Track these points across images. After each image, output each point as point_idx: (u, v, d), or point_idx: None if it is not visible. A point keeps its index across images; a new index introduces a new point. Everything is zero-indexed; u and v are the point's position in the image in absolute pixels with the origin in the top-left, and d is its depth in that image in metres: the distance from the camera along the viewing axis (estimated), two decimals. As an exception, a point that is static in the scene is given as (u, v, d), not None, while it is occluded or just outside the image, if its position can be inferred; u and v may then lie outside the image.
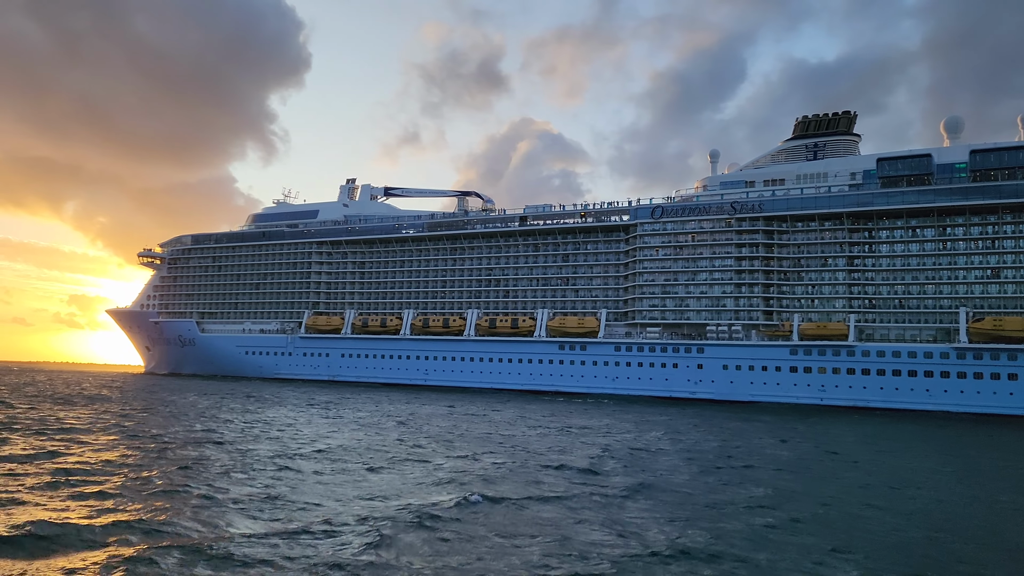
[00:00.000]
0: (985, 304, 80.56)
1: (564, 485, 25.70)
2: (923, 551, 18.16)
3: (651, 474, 28.84)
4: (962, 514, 23.38)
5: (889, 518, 21.84)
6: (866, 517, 21.83)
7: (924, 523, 21.53)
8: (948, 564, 17.10)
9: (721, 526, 19.90)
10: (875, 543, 18.59)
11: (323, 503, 21.34)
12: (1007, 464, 38.40)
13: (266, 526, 18.33)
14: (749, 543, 18.09)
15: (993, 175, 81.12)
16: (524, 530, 18.85)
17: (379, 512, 20.10)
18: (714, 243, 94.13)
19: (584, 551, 16.87)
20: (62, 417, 45.32)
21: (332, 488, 23.83)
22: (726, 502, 23.48)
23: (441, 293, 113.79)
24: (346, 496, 22.53)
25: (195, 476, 25.17)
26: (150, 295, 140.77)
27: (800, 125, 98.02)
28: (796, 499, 24.55)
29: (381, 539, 17.18)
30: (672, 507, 22.39)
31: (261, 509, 20.33)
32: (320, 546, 16.55)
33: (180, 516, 18.99)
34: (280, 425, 44.57)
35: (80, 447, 31.35)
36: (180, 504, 20.57)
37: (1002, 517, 23.28)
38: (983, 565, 17.05)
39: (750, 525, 20.13)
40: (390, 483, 25.14)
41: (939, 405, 77.92)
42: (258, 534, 17.48)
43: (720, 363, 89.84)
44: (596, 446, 37.87)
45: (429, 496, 22.72)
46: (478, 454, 33.27)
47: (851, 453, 39.64)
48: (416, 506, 20.95)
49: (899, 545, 18.57)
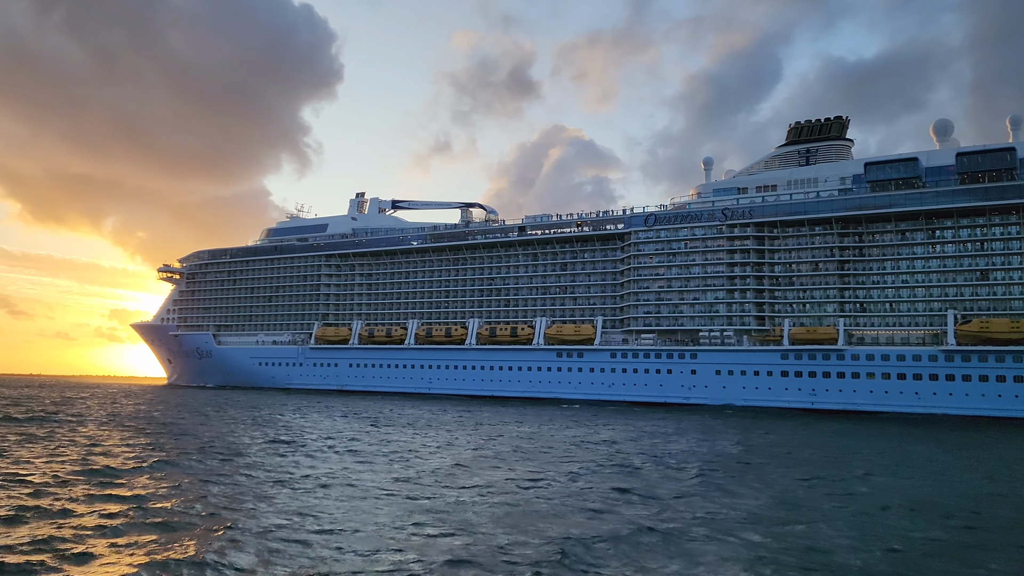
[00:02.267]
0: (974, 306, 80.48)
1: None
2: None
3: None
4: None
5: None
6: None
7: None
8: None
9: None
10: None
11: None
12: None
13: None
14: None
15: (981, 177, 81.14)
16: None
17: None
18: (706, 249, 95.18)
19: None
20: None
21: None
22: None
23: (444, 303, 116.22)
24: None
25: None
26: (170, 309, 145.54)
27: (793, 131, 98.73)
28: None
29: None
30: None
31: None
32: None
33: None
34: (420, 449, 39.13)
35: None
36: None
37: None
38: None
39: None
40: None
41: (928, 408, 78.02)
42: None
43: (713, 368, 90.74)
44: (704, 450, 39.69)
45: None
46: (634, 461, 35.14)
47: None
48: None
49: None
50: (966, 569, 17.35)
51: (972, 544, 19.83)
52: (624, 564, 17.03)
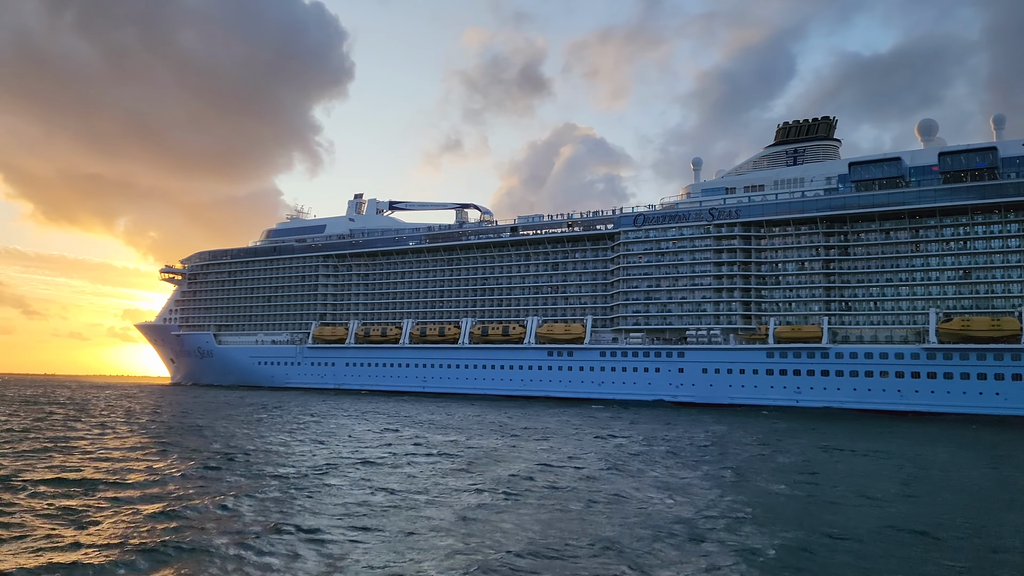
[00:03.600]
0: (957, 305, 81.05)
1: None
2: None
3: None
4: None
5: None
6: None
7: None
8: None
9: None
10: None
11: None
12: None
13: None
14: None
15: (963, 177, 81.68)
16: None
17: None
18: (694, 249, 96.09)
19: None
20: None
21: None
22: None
23: (438, 303, 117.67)
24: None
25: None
26: (172, 309, 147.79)
27: (781, 131, 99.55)
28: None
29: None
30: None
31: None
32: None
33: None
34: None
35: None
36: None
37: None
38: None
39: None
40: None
41: (911, 406, 78.65)
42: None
43: (700, 367, 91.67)
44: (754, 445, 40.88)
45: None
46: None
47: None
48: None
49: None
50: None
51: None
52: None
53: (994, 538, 20.60)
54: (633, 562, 17.14)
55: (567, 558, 17.47)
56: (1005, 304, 78.61)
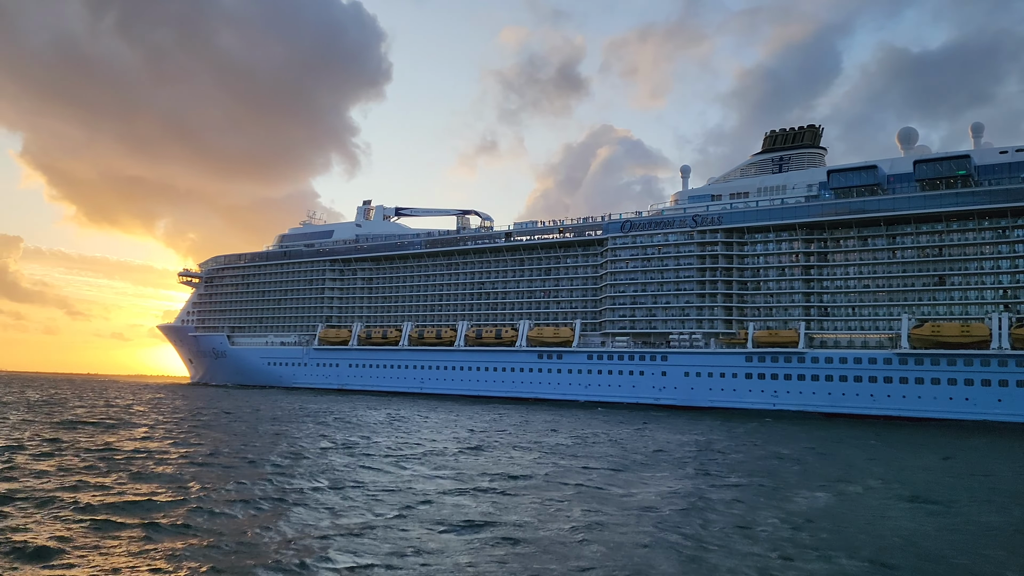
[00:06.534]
0: (932, 311, 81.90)
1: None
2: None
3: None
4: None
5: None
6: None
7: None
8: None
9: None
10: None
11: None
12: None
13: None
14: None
15: (939, 184, 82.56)
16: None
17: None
18: (678, 255, 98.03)
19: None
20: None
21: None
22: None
23: (437, 306, 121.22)
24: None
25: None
26: (189, 311, 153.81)
27: (768, 139, 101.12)
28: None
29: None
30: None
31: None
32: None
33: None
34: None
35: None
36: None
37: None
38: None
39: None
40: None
41: (883, 410, 79.71)
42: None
43: (682, 370, 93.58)
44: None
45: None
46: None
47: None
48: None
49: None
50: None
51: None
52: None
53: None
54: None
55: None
56: (979, 310, 79.36)
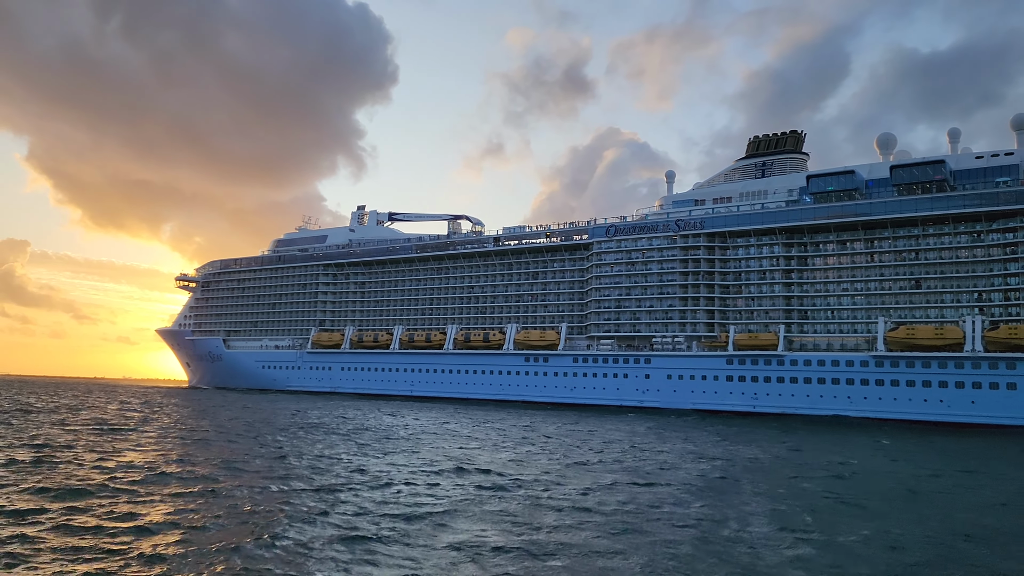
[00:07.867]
0: (908, 314, 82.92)
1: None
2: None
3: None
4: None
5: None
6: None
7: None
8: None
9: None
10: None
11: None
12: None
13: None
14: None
15: (915, 189, 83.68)
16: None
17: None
18: (662, 259, 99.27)
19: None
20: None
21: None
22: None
23: (427, 310, 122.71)
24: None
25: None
26: (186, 315, 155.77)
27: (752, 144, 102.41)
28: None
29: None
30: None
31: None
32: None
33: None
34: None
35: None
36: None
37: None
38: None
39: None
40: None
41: (860, 412, 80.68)
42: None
43: (665, 373, 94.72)
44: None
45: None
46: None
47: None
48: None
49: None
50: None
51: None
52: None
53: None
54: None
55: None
56: (954, 313, 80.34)
